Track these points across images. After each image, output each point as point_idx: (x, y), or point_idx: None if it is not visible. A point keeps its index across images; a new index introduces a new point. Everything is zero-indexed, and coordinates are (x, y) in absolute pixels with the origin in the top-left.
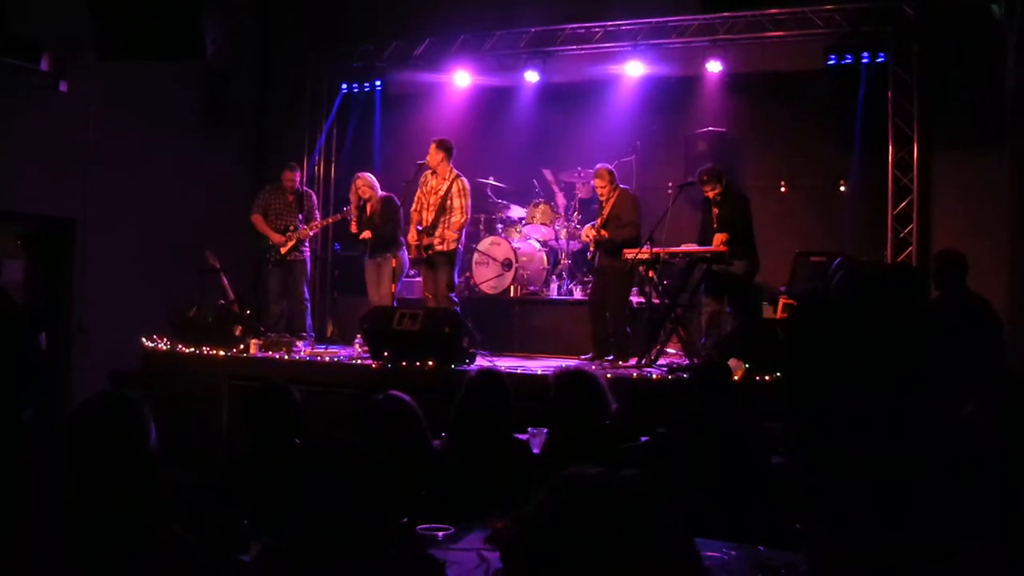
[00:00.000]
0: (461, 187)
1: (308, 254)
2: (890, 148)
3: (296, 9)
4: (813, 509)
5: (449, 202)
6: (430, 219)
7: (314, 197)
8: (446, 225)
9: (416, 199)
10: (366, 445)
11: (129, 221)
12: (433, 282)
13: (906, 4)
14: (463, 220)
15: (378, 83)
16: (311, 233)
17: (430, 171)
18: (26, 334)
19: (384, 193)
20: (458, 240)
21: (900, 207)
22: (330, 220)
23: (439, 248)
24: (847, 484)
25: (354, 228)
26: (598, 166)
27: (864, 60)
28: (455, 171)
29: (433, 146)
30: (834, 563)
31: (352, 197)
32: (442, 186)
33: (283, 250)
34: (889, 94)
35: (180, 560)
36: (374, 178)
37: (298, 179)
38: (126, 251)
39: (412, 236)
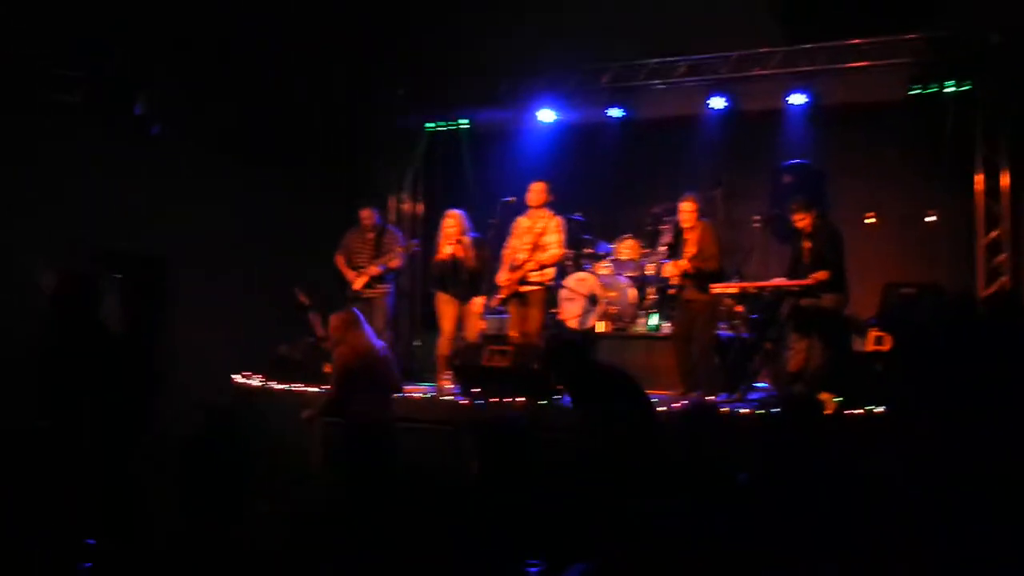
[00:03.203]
0: (558, 224)
1: (392, 290)
2: (979, 176)
3: (382, 49)
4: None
5: (545, 239)
6: (523, 259)
7: (397, 234)
8: (542, 258)
9: (509, 244)
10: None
11: (221, 259)
12: (524, 320)
13: (992, 31)
14: (559, 254)
15: (464, 121)
16: (379, 269)
17: (523, 215)
18: (125, 365)
19: (474, 234)
20: (555, 277)
21: (991, 236)
22: (397, 255)
23: (536, 280)
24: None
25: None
26: (686, 193)
27: (949, 88)
28: (550, 210)
29: (543, 187)
30: None
31: (442, 233)
32: (537, 224)
33: (355, 287)
34: (977, 121)
35: None
36: (465, 217)
37: (376, 216)
38: (218, 288)
39: (502, 278)
